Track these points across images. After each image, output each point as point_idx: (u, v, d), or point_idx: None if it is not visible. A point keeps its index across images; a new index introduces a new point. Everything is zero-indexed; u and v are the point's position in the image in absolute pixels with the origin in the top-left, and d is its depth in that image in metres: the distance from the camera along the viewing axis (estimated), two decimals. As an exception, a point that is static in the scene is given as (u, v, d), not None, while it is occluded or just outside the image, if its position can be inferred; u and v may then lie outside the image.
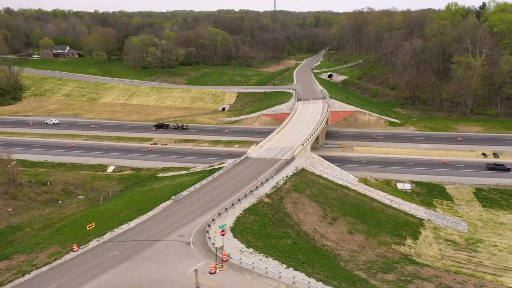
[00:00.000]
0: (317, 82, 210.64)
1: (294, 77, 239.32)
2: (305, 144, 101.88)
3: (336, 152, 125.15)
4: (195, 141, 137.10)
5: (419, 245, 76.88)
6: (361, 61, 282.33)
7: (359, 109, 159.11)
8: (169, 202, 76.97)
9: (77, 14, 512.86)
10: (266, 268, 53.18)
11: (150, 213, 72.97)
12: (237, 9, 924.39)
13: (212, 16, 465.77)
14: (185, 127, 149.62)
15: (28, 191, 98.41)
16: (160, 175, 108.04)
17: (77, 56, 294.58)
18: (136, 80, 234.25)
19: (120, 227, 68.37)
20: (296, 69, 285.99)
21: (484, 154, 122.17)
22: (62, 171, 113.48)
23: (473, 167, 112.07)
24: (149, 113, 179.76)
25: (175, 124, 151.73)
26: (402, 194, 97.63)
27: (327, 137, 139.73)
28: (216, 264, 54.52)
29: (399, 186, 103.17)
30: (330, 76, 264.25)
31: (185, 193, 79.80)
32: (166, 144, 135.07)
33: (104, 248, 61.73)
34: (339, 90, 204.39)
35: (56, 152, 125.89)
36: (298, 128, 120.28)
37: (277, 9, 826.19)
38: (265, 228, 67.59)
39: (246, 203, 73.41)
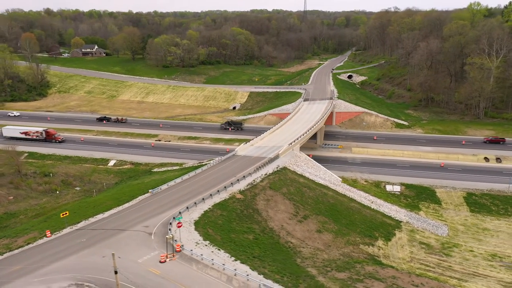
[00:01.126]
0: (332, 83, 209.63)
1: (311, 77, 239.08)
2: (292, 144, 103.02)
3: (333, 153, 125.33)
4: (198, 139, 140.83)
5: (390, 247, 76.70)
6: (383, 61, 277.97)
7: (366, 110, 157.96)
8: (147, 195, 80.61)
9: (111, 14, 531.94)
10: (213, 259, 55.47)
11: (127, 205, 76.78)
12: (270, 9, 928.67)
13: (239, 16, 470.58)
14: (124, 121, 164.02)
15: (31, 181, 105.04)
16: (156, 170, 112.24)
17: (104, 55, 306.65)
18: (156, 79, 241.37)
19: (95, 217, 72.49)
20: (317, 69, 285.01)
21: (486, 159, 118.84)
22: (67, 163, 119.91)
23: (469, 171, 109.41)
24: (162, 110, 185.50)
25: (116, 117, 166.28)
26: (386, 196, 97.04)
27: (329, 138, 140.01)
28: (167, 254, 57.41)
29: (388, 188, 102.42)
30: (349, 77, 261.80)
31: (164, 187, 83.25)
32: (169, 141, 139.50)
33: (74, 235, 65.86)
34: (353, 91, 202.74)
35: (66, 145, 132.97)
36: (293, 127, 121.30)
37: (310, 9, 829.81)
38: (230, 223, 69.76)
39: (218, 199, 75.87)
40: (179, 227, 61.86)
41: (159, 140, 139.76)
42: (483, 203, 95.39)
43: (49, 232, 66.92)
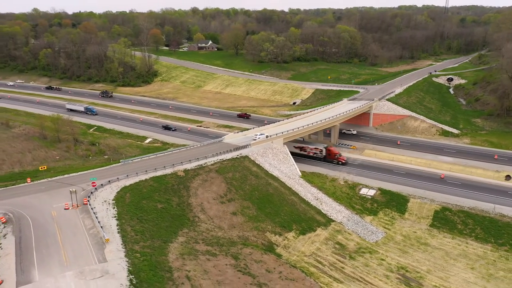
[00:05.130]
0: (405, 85, 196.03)
1: (397, 78, 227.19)
2: (271, 136, 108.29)
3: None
4: (233, 128, 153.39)
5: (299, 240, 78.94)
6: (494, 64, 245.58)
7: (412, 114, 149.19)
8: (118, 164, 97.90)
9: (246, 12, 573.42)
10: (95, 213, 69.28)
11: (99, 169, 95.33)
12: (420, 5, 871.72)
13: (361, 13, 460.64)
14: (59, 89, 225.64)
15: (78, 147, 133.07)
16: (171, 148, 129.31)
17: (216, 49, 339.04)
18: (247, 73, 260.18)
19: (69, 174, 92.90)
20: (418, 70, 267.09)
21: (508, 176, 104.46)
22: (116, 137, 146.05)
23: (467, 186, 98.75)
24: (229, 101, 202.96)
25: (55, 86, 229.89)
26: (349, 197, 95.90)
27: (356, 138, 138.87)
28: (73, 204, 73.43)
29: (363, 191, 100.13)
30: (450, 79, 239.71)
31: (137, 159, 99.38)
32: (208, 127, 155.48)
33: (41, 184, 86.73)
34: (426, 93, 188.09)
35: (126, 123, 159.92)
36: (299, 123, 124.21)
37: (468, 4, 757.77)
38: (152, 192, 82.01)
39: (159, 173, 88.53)
40: (93, 186, 77.25)
41: (200, 126, 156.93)
42: (452, 219, 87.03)
43: (29, 179, 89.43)
